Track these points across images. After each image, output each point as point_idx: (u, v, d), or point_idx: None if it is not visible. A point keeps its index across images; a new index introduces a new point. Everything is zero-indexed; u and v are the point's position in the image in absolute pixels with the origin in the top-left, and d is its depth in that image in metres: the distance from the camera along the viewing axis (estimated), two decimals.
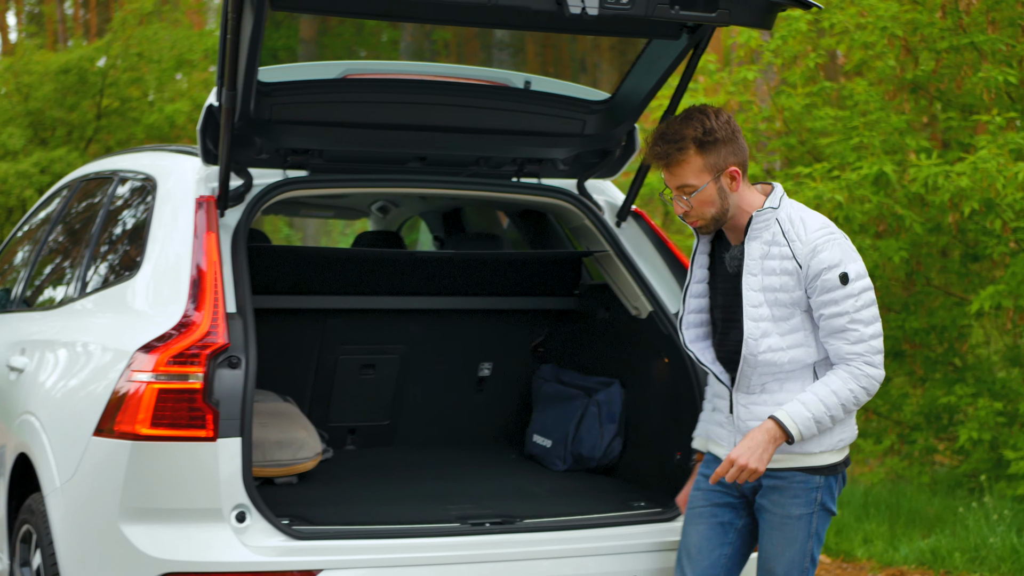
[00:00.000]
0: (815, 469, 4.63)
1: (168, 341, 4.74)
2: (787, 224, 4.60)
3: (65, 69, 23.64)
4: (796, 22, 11.45)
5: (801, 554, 4.65)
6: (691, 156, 4.57)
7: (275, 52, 5.68)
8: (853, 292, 4.50)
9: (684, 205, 4.65)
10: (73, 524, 4.95)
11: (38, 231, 7.18)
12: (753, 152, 12.57)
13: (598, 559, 5.05)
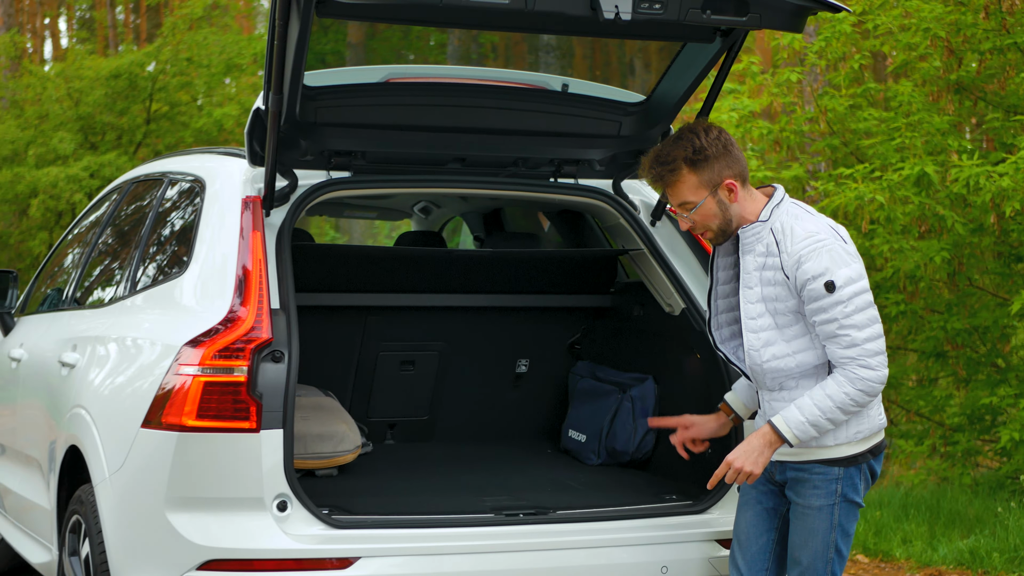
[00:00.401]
0: (833, 461, 4.74)
1: (214, 336, 4.88)
2: (779, 235, 4.72)
3: (115, 74, 23.79)
4: (840, 24, 11.50)
5: (824, 545, 4.76)
6: (684, 175, 4.73)
7: (323, 56, 5.80)
8: (842, 299, 4.59)
9: (687, 220, 4.81)
10: (121, 513, 5.08)
11: (89, 233, 7.36)
12: (796, 153, 12.65)
13: (629, 549, 5.16)
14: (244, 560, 4.82)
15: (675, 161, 4.74)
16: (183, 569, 4.83)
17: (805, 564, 4.78)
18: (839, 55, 11.88)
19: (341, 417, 5.86)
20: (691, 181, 4.74)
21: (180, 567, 4.84)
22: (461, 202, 7.56)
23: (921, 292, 11.23)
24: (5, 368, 7.39)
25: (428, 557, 4.96)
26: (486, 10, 4.65)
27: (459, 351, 6.69)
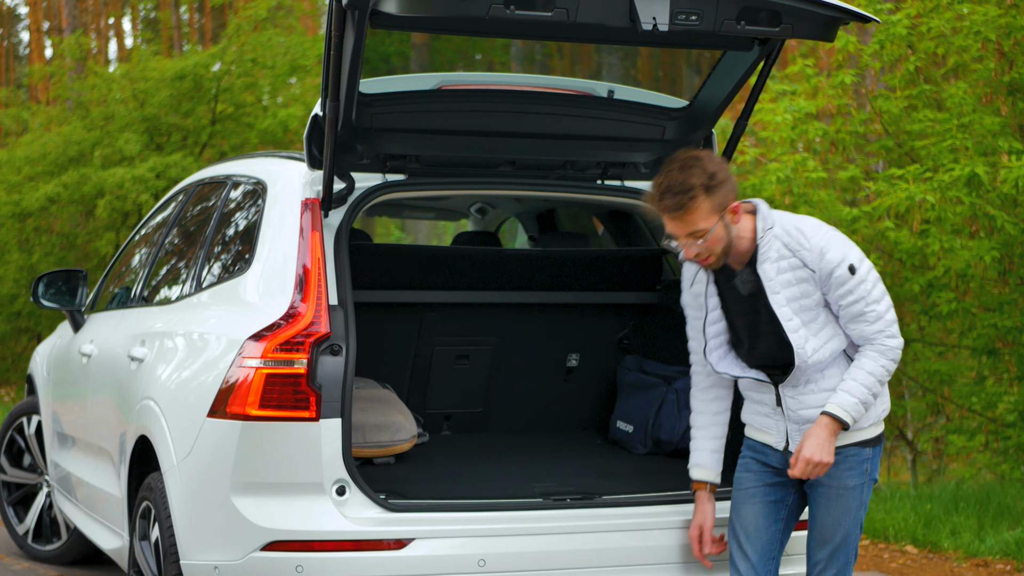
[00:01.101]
0: (865, 442, 5.02)
1: (276, 330, 5.10)
2: (786, 238, 4.94)
3: (181, 75, 23.82)
4: (894, 27, 11.64)
5: (855, 522, 5.04)
6: (701, 201, 4.88)
7: (387, 57, 6.01)
8: (862, 277, 4.88)
9: (696, 248, 4.94)
10: (189, 498, 5.29)
11: (156, 233, 7.56)
12: (852, 154, 12.79)
13: (671, 532, 5.34)
14: (305, 541, 5.02)
15: (693, 189, 4.88)
16: (247, 550, 5.04)
17: (838, 542, 5.04)
18: (894, 57, 12.02)
19: (398, 408, 6.04)
20: (706, 207, 4.89)
21: (245, 548, 5.04)
22: (516, 203, 7.74)
23: (973, 291, 11.36)
24: (76, 363, 7.61)
25: (478, 539, 5.15)
26: (530, 21, 4.80)
27: (512, 346, 6.84)
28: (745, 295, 5.08)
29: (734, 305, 5.15)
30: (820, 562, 5.11)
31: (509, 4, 4.69)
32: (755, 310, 5.06)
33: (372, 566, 5.06)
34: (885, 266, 11.57)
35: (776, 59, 5.61)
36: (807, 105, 12.01)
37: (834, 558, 5.09)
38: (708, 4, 4.87)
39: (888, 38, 11.72)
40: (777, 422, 5.13)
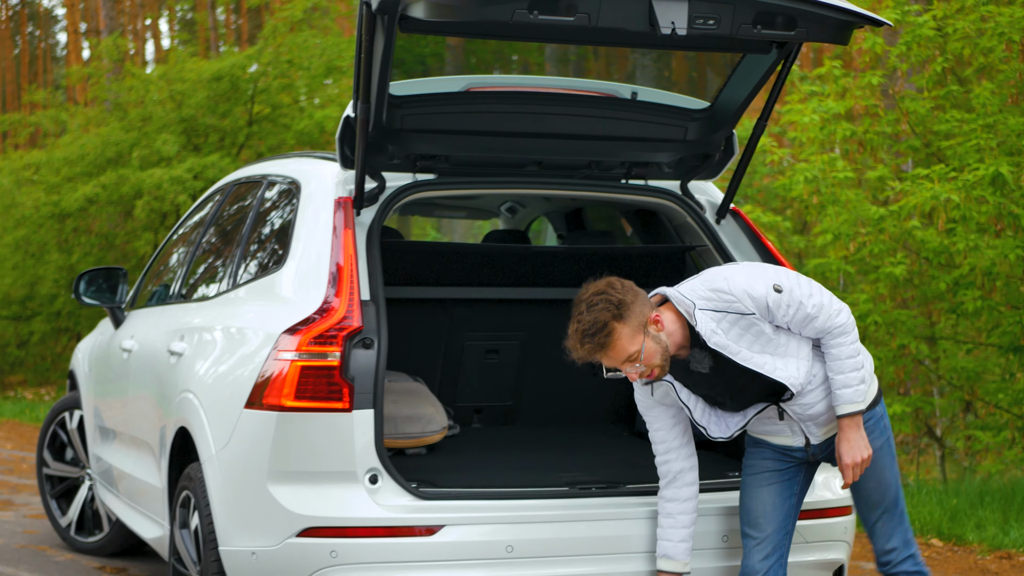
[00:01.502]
0: (872, 403, 5.25)
1: (310, 324, 5.27)
2: (710, 304, 5.04)
3: (218, 76, 23.89)
4: (920, 28, 11.75)
5: (893, 476, 5.30)
6: (619, 331, 4.94)
7: (423, 58, 6.16)
8: (789, 287, 5.04)
9: (638, 369, 5.01)
10: (227, 487, 5.45)
11: (194, 232, 7.74)
12: (880, 154, 12.90)
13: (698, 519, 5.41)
14: (339, 527, 5.18)
15: (605, 324, 4.94)
16: (284, 536, 5.20)
17: (889, 499, 5.30)
18: (921, 58, 12.13)
19: (429, 401, 6.20)
20: (626, 333, 4.94)
21: (281, 534, 5.21)
22: (545, 203, 7.86)
23: (999, 288, 11.46)
24: (117, 359, 7.80)
25: (506, 525, 5.28)
26: (553, 26, 4.96)
27: (540, 340, 6.96)
28: (706, 372, 5.16)
29: (700, 386, 5.22)
30: (878, 521, 5.33)
31: (532, 9, 4.84)
32: (724, 376, 5.14)
33: (403, 552, 5.20)
34: (912, 264, 11.67)
35: (794, 61, 5.75)
36: (836, 106, 12.13)
37: (889, 515, 5.32)
38: (725, 9, 5.02)
39: (915, 39, 11.82)
40: (783, 427, 5.29)
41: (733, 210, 6.29)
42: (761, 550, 5.31)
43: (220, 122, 24.47)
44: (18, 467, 13.46)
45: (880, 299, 11.77)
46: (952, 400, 12.77)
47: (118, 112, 25.72)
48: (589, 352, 5.01)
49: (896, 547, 5.34)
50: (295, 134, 24.07)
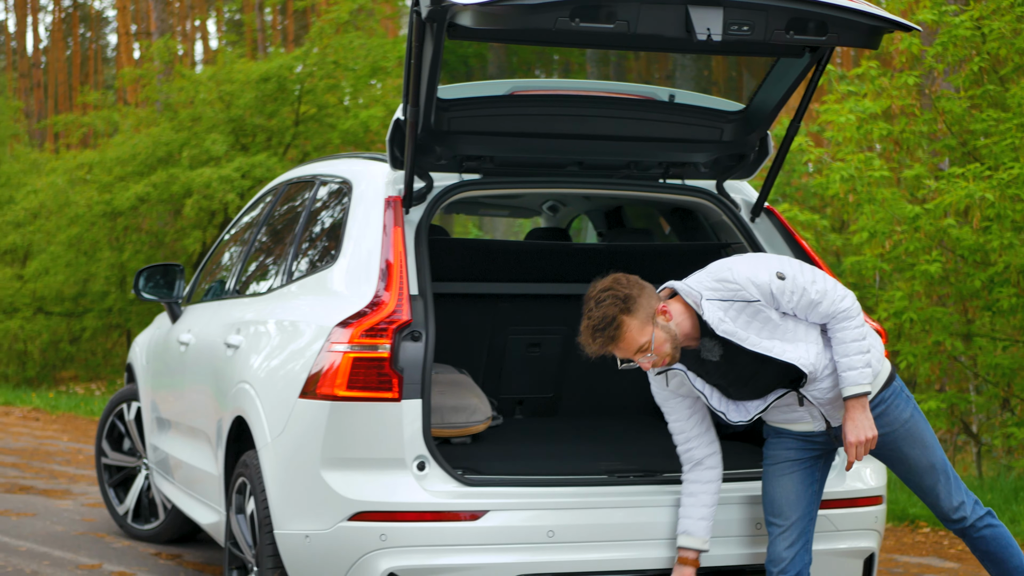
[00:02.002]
0: (888, 380, 5.47)
1: (361, 318, 5.48)
2: (716, 294, 5.29)
3: (265, 77, 24.07)
4: (956, 28, 11.90)
5: (933, 440, 5.50)
6: (628, 324, 5.22)
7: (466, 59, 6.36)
8: (792, 275, 5.28)
9: (649, 360, 5.27)
10: (282, 473, 5.67)
11: (247, 230, 7.97)
12: (918, 153, 13.05)
13: (727, 507, 5.66)
14: (388, 512, 5.38)
15: (614, 319, 5.22)
16: (336, 520, 5.41)
17: (938, 461, 5.50)
18: (958, 58, 12.27)
19: (474, 392, 6.39)
20: (635, 325, 5.22)
21: (333, 518, 5.42)
22: (585, 201, 8.03)
23: None
24: (174, 351, 8.04)
25: (548, 511, 5.48)
26: (593, 33, 5.17)
27: None
28: (716, 360, 5.39)
29: (712, 375, 5.45)
30: (935, 484, 5.51)
31: (574, 17, 5.04)
32: (736, 363, 5.37)
33: (449, 535, 5.41)
34: (947, 262, 11.81)
35: (826, 65, 5.95)
36: (872, 106, 12.27)
37: (945, 475, 5.51)
38: (759, 15, 5.21)
39: (951, 40, 11.97)
40: (803, 414, 5.50)
41: (767, 208, 6.47)
42: (786, 538, 5.49)
43: (267, 122, 24.64)
44: (75, 458, 13.74)
45: (916, 296, 11.90)
46: (988, 397, 12.89)
47: (168, 112, 25.94)
48: (601, 346, 5.29)
49: (964, 501, 5.51)
50: (340, 134, 24.22)
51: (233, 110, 24.40)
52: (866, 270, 12.37)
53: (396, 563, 5.38)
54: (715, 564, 5.64)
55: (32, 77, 56.74)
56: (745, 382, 5.42)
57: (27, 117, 47.45)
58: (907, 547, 9.54)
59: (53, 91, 58.18)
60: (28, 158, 34.55)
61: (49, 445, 14.87)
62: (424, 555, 5.41)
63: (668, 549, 5.60)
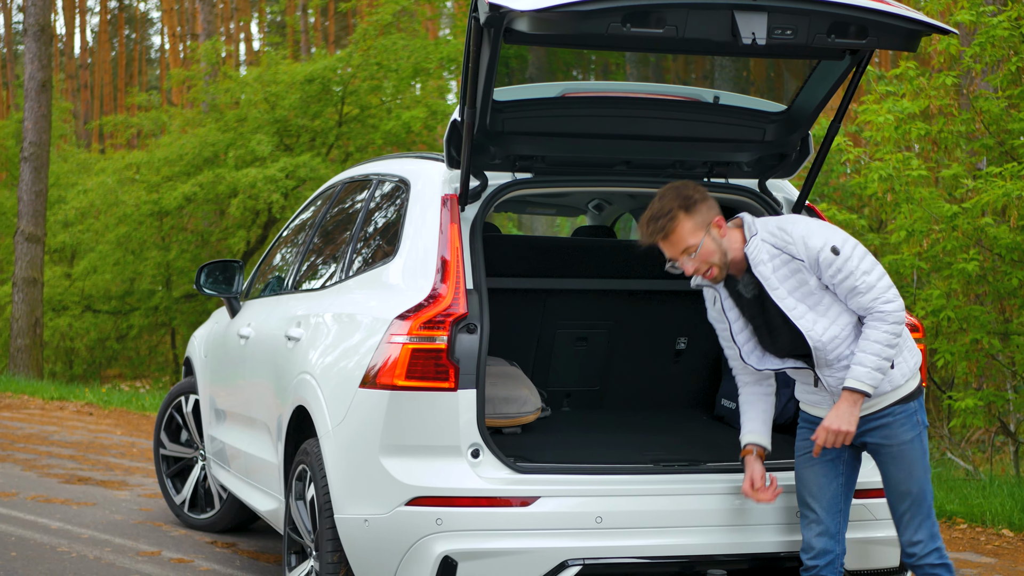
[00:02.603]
0: (906, 398, 5.60)
1: (419, 311, 5.70)
2: (772, 239, 5.55)
3: (310, 79, 24.31)
4: (994, 29, 12.05)
5: (923, 468, 5.61)
6: (681, 221, 5.52)
7: (506, 60, 6.52)
8: (847, 255, 5.47)
9: (693, 264, 5.55)
10: (342, 460, 5.88)
11: (306, 227, 8.18)
12: (957, 153, 13.21)
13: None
14: (444, 497, 5.59)
15: (671, 211, 5.53)
16: (394, 504, 5.63)
17: (915, 491, 5.59)
18: (996, 58, 12.42)
19: (524, 384, 6.60)
20: (688, 225, 5.52)
21: (392, 503, 5.63)
22: (630, 200, 8.21)
23: None
24: (234, 344, 8.27)
25: (596, 498, 5.68)
26: (643, 37, 5.36)
27: (626, 330, 7.33)
28: (750, 298, 5.66)
29: (746, 310, 5.72)
30: (905, 513, 5.63)
31: (625, 23, 5.24)
32: (764, 309, 5.63)
33: (501, 520, 5.62)
34: (984, 261, 11.95)
35: (866, 67, 6.15)
36: (911, 106, 12.43)
37: (916, 508, 5.61)
38: (802, 20, 5.39)
39: (989, 40, 12.13)
40: (823, 397, 5.70)
41: (808, 206, 6.65)
42: (815, 527, 5.69)
43: (311, 123, 24.88)
44: (129, 451, 14.03)
45: (953, 295, 12.05)
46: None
47: (214, 114, 26.21)
48: (651, 235, 5.59)
49: (922, 540, 5.62)
50: (382, 134, 24.42)
51: (278, 111, 24.65)
52: (904, 269, 12.52)
53: (451, 546, 5.57)
54: (751, 552, 5.85)
55: (79, 78, 57.27)
56: (770, 333, 5.66)
57: (75, 118, 47.90)
58: (944, 543, 9.69)
59: (99, 92, 58.68)
60: (76, 158, 34.95)
61: (104, 438, 15.16)
62: (478, 539, 5.60)
63: (712, 536, 5.80)
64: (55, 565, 8.38)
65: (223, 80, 26.82)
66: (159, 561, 8.58)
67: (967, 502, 10.58)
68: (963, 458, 13.36)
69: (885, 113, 12.29)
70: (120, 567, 8.38)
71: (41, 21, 23.83)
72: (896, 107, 12.38)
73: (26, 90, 23.83)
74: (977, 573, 8.74)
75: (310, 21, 46.05)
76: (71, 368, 29.02)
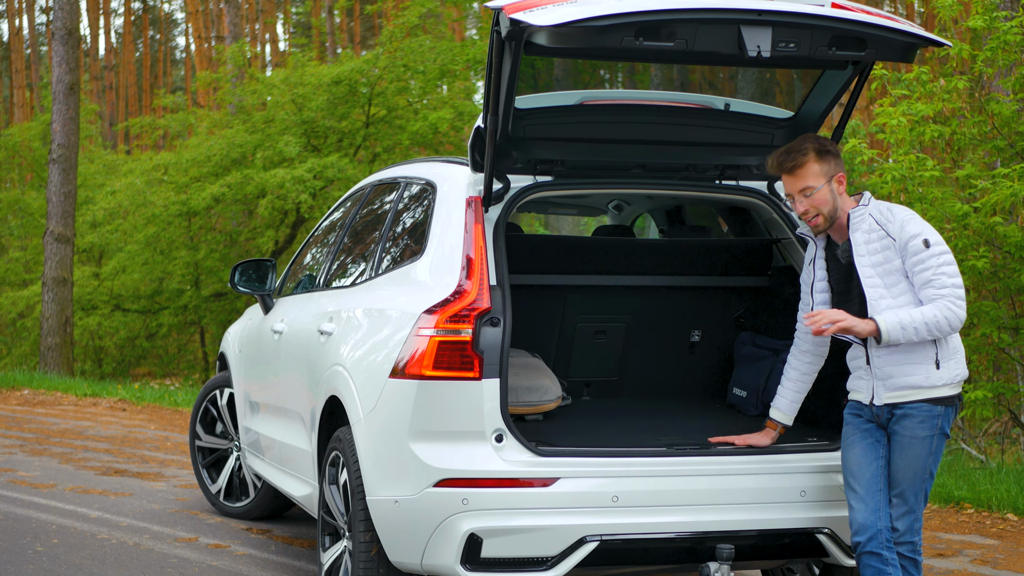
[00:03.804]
0: (937, 400, 5.94)
1: (446, 305, 6.03)
2: (877, 215, 5.95)
3: (337, 80, 24.39)
4: (1005, 35, 12.34)
5: (923, 467, 5.96)
6: (811, 161, 5.94)
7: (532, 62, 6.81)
8: (935, 252, 5.86)
9: (804, 205, 5.95)
10: (373, 445, 6.21)
11: (336, 227, 8.51)
12: (969, 154, 13.49)
13: (776, 476, 6.21)
14: (470, 479, 5.92)
15: (806, 150, 5.97)
16: (423, 486, 5.95)
17: (905, 484, 5.96)
18: (1008, 62, 12.70)
19: (546, 374, 6.92)
20: (815, 168, 5.95)
21: (420, 484, 5.96)
22: (648, 201, 8.53)
23: None
24: (268, 339, 8.62)
25: (613, 479, 6.02)
26: (655, 50, 5.69)
27: (643, 323, 7.64)
28: (844, 264, 6.06)
29: (835, 274, 6.12)
30: (892, 500, 6.02)
31: (638, 37, 5.58)
32: (850, 276, 6.04)
33: (524, 500, 5.95)
34: (995, 258, 12.23)
35: (868, 76, 6.49)
36: (925, 108, 12.72)
37: (903, 499, 5.99)
38: (804, 33, 5.74)
39: (1000, 45, 12.43)
40: (867, 381, 6.05)
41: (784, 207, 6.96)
42: (857, 505, 6.01)
43: (339, 124, 24.96)
44: (163, 445, 14.41)
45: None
46: None
47: (242, 115, 26.33)
48: (780, 165, 6.05)
49: (900, 530, 5.99)
50: (409, 135, 24.54)
51: (305, 112, 24.77)
52: None
53: (476, 524, 5.90)
54: (757, 528, 6.19)
55: (104, 80, 57.64)
56: (846, 302, 6.07)
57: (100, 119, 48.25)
58: (951, 526, 10.03)
59: (124, 93, 59.05)
60: (103, 159, 35.23)
61: (138, 433, 15.53)
62: (501, 517, 5.92)
63: (722, 513, 6.14)
64: (96, 551, 8.75)
65: (250, 82, 26.98)
66: (196, 547, 8.93)
67: (975, 488, 10.91)
68: (977, 449, 13.62)
69: (899, 116, 12.57)
70: (159, 552, 8.75)
71: (68, 25, 24.15)
72: (911, 109, 12.65)
73: (54, 93, 24.12)
74: (980, 553, 9.06)
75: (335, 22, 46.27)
76: (100, 367, 29.29)
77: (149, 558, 8.60)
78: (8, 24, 58.09)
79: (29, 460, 12.95)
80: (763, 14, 5.66)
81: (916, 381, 5.94)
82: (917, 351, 5.94)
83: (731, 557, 6.07)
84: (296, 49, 43.91)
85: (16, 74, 54.33)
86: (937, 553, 9.07)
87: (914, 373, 5.95)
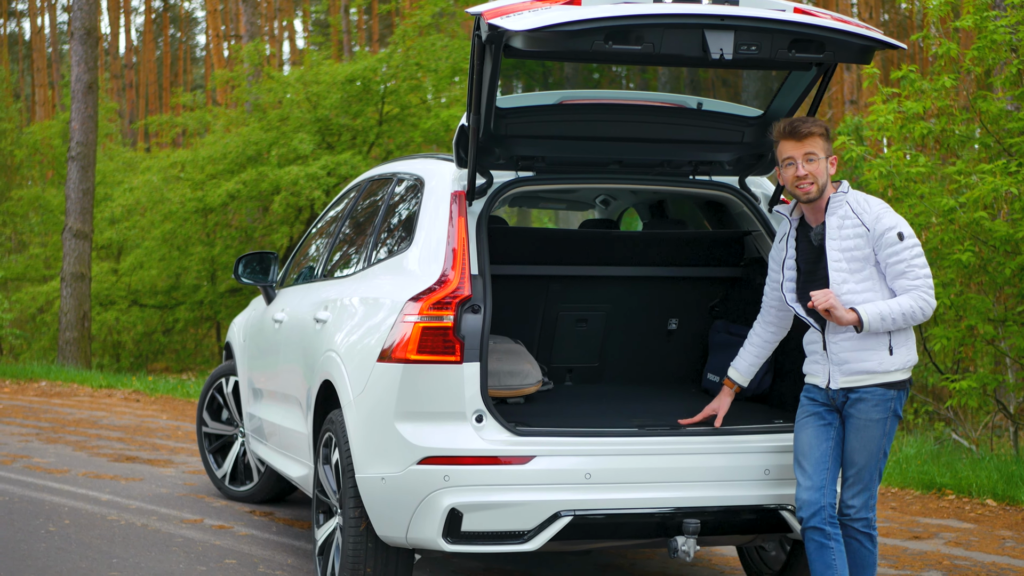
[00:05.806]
0: (890, 384, 6.27)
1: (429, 293, 6.34)
2: (854, 204, 6.27)
3: (351, 79, 24.53)
4: (992, 33, 12.62)
5: (877, 448, 6.29)
6: (820, 135, 6.28)
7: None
8: (907, 245, 6.18)
9: (805, 168, 6.25)
10: (362, 425, 6.52)
11: (334, 221, 8.85)
12: (958, 151, 13.77)
13: (742, 456, 6.49)
14: (451, 456, 6.21)
15: (819, 124, 6.34)
16: (407, 464, 6.25)
17: (860, 464, 6.29)
18: (998, 60, 12.98)
19: (527, 359, 7.23)
20: (820, 142, 6.29)
21: (405, 462, 6.26)
22: (632, 196, 8.84)
23: None
24: (269, 328, 8.97)
25: (586, 457, 6.30)
26: (624, 53, 6.01)
27: (622, 312, 7.92)
28: (815, 245, 6.37)
29: (804, 254, 6.42)
30: (849, 478, 6.35)
31: (608, 41, 5.91)
32: (819, 258, 6.34)
33: (502, 476, 6.24)
34: (980, 252, 12.50)
35: (831, 77, 6.81)
36: (914, 106, 13.00)
37: (858, 478, 6.32)
38: (765, 37, 6.06)
39: (988, 44, 12.71)
40: (823, 366, 6.38)
41: (783, 201, 7.27)
42: (804, 482, 6.33)
43: (352, 122, 25.10)
44: (174, 433, 14.77)
45: (949, 284, 12.58)
46: (1021, 379, 13.55)
47: (257, 113, 26.47)
48: (790, 128, 6.31)
49: (855, 506, 6.32)
50: (422, 132, 24.70)
51: (320, 110, 24.95)
52: None
53: (457, 499, 6.20)
54: (721, 504, 6.46)
55: (124, 78, 58.01)
56: (812, 282, 6.37)
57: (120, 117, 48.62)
58: (931, 511, 10.34)
59: (144, 91, 59.39)
60: (122, 157, 35.52)
61: (150, 422, 15.89)
62: (481, 493, 6.20)
63: (690, 490, 6.44)
64: (105, 531, 9.12)
65: (266, 80, 27.18)
66: (201, 528, 9.29)
67: (956, 475, 11.20)
68: (968, 440, 13.89)
69: (886, 114, 12.85)
70: (165, 532, 9.11)
71: (87, 24, 24.47)
72: (902, 107, 12.93)
73: (73, 92, 24.39)
74: (955, 536, 9.37)
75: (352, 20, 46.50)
76: (118, 361, 29.53)
77: (156, 538, 8.94)
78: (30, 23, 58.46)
79: (44, 447, 13.30)
80: (725, 19, 5.96)
81: (870, 367, 6.25)
82: (872, 338, 6.25)
83: (697, 531, 6.37)
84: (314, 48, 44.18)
85: (38, 72, 54.68)
86: (913, 536, 9.37)
87: (869, 359, 6.26)
